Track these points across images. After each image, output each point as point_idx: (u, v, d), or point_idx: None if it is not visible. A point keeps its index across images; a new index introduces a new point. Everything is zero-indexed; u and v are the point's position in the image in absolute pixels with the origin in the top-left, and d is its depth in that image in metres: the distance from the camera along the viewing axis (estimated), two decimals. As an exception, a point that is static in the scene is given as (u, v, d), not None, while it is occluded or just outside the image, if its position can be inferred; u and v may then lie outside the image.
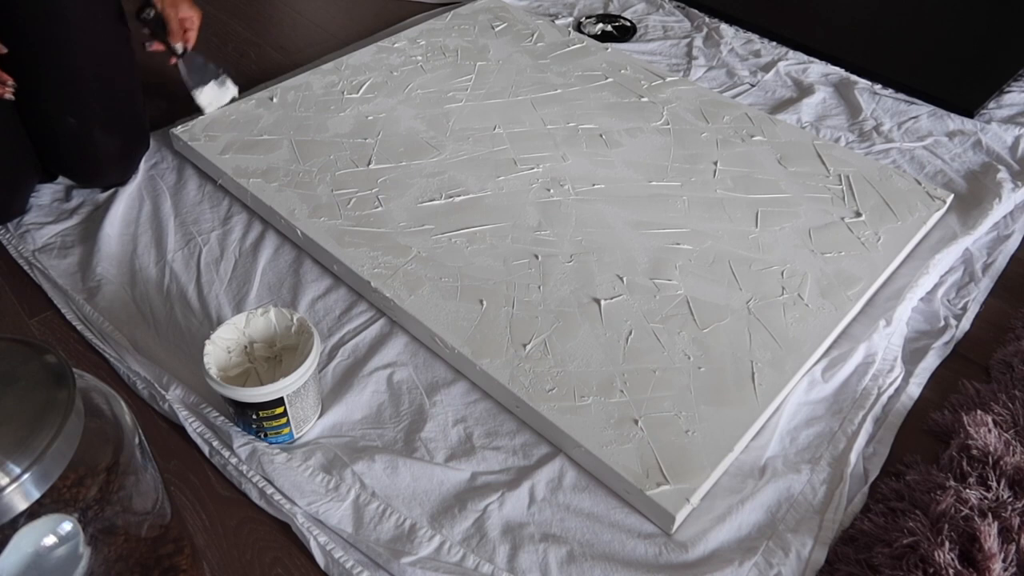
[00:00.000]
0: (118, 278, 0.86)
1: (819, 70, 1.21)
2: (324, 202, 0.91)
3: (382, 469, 0.68)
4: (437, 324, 0.77)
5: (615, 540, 0.64)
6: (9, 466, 0.39)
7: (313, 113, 1.05)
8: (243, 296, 0.84)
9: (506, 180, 0.95)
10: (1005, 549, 0.61)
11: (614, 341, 0.76)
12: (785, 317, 0.79)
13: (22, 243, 0.91)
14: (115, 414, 0.48)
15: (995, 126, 1.09)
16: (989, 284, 0.88)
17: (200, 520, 0.67)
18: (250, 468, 0.68)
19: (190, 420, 0.71)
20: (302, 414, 0.69)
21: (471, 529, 0.65)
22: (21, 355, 0.45)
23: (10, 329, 0.82)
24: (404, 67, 1.15)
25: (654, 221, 0.90)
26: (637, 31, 1.31)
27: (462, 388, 0.76)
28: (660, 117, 1.06)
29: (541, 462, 0.70)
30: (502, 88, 1.11)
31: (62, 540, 0.43)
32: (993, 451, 0.68)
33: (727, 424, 0.70)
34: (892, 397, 0.75)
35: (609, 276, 0.83)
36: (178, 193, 0.97)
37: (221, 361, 0.69)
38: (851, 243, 0.87)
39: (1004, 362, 0.79)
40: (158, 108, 1.14)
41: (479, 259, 0.85)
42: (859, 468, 0.69)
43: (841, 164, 0.98)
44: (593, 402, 0.71)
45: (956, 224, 0.93)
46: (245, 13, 1.40)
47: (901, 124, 1.10)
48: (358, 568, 0.62)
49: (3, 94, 0.83)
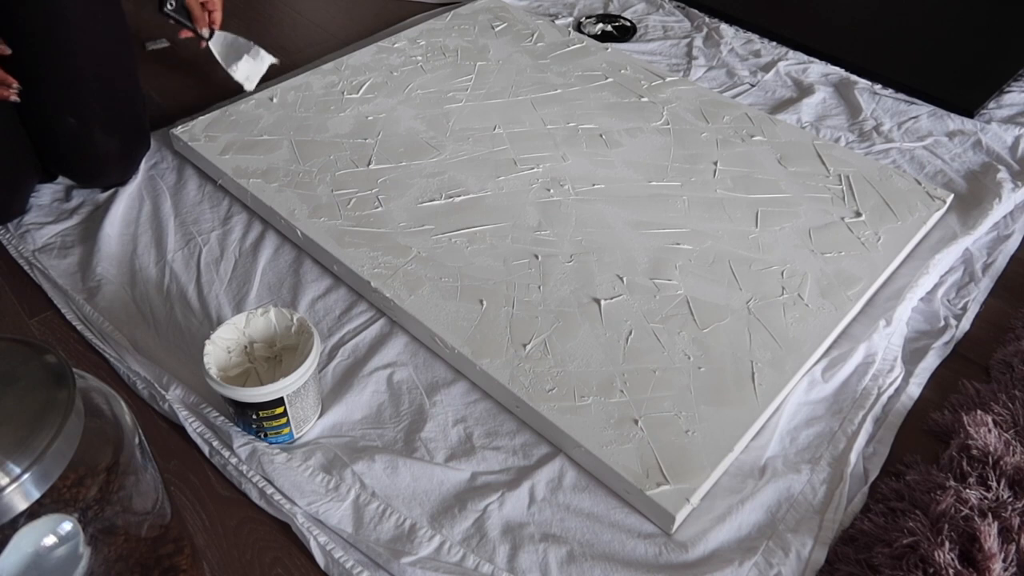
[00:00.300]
0: (118, 278, 0.86)
1: (819, 70, 1.21)
2: (324, 202, 0.91)
3: (382, 469, 0.68)
4: (437, 324, 0.77)
5: (615, 540, 0.64)
6: (9, 466, 0.39)
7: (313, 113, 1.05)
8: (243, 296, 0.84)
9: (506, 180, 0.95)
10: (1005, 549, 0.61)
11: (614, 341, 0.76)
12: (785, 317, 0.79)
13: (22, 243, 0.91)
14: (115, 414, 0.48)
15: (995, 126, 1.09)
16: (989, 284, 0.88)
17: (200, 520, 0.67)
18: (250, 468, 0.68)
19: (190, 420, 0.71)
20: (302, 414, 0.69)
21: (471, 529, 0.65)
22: (21, 355, 0.45)
23: (10, 329, 0.82)
24: (404, 67, 1.15)
25: (654, 221, 0.90)
26: (637, 31, 1.31)
27: (462, 388, 0.76)
28: (660, 117, 1.06)
29: (541, 462, 0.70)
30: (502, 88, 1.11)
31: (62, 540, 0.43)
32: (993, 451, 0.68)
33: (727, 424, 0.70)
34: (892, 397, 0.76)
35: (609, 276, 0.83)
36: (178, 193, 0.97)
37: (221, 361, 0.69)
38: (851, 243, 0.87)
39: (1004, 362, 0.79)
40: (158, 108, 1.14)
41: (479, 259, 0.85)
42: (859, 468, 0.69)
43: (841, 164, 0.98)
44: (593, 402, 0.71)
45: (956, 224, 0.93)
46: (245, 13, 1.40)
47: (901, 124, 1.10)
48: (358, 568, 0.62)
49: (8, 96, 0.83)
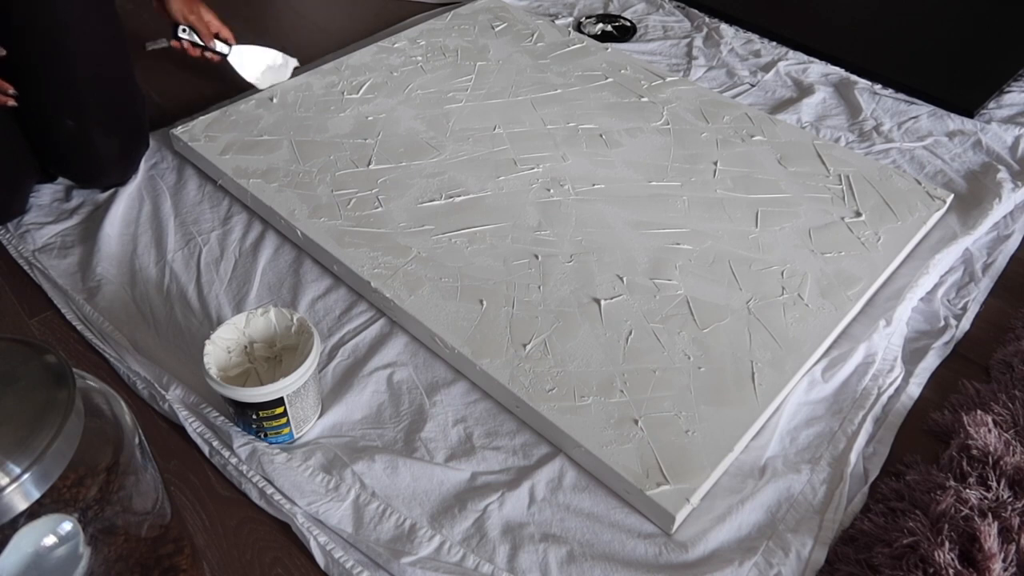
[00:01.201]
0: (118, 278, 0.86)
1: (819, 70, 1.21)
2: (324, 202, 0.91)
3: (382, 469, 0.68)
4: (437, 324, 0.77)
5: (615, 540, 0.64)
6: (9, 466, 0.39)
7: (313, 113, 1.05)
8: (243, 296, 0.84)
9: (506, 180, 0.95)
10: (1005, 549, 0.61)
11: (614, 341, 0.76)
12: (785, 317, 0.79)
13: (22, 243, 0.91)
14: (115, 414, 0.48)
15: (995, 126, 1.09)
16: (989, 284, 0.88)
17: (200, 520, 0.67)
18: (250, 468, 0.68)
19: (190, 420, 0.71)
20: (302, 414, 0.69)
21: (471, 529, 0.65)
22: (21, 355, 0.45)
23: (10, 329, 0.82)
24: (404, 67, 1.15)
25: (654, 221, 0.90)
26: (637, 31, 1.31)
27: (462, 388, 0.76)
28: (660, 117, 1.06)
29: (541, 462, 0.70)
30: (502, 88, 1.11)
31: (62, 540, 0.43)
32: (993, 451, 0.68)
33: (727, 424, 0.70)
34: (892, 397, 0.75)
35: (609, 276, 0.83)
36: (178, 193, 0.97)
37: (221, 361, 0.69)
38: (851, 243, 0.87)
39: (1004, 362, 0.79)
40: (158, 108, 1.14)
41: (479, 259, 0.85)
42: (859, 468, 0.69)
43: (841, 164, 0.98)
44: (593, 402, 0.71)
45: (956, 224, 0.93)
46: (245, 13, 1.39)
47: (901, 124, 1.10)
48: (358, 568, 0.62)
49: (5, 103, 0.83)
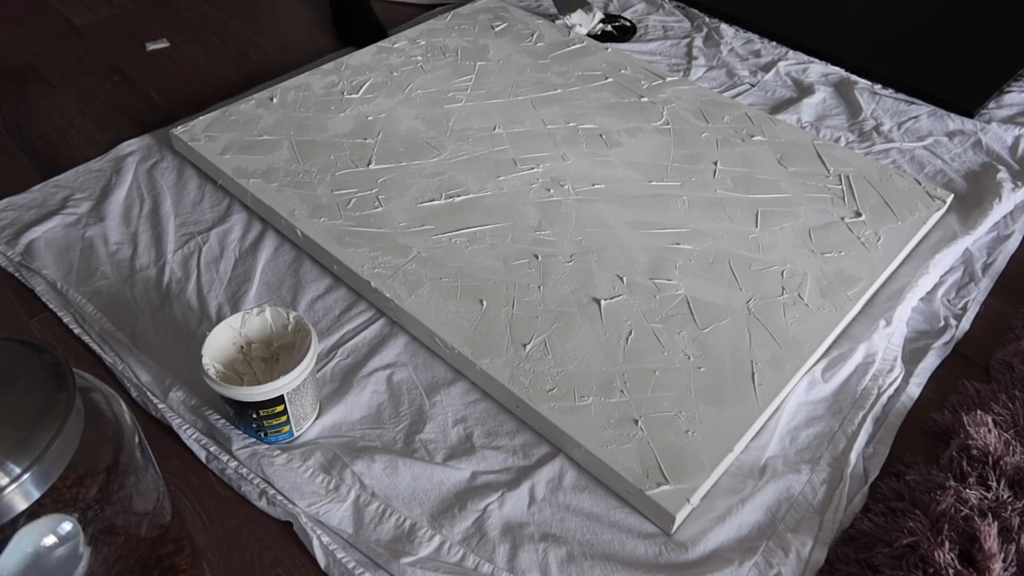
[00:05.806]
0: (118, 278, 0.86)
1: (819, 70, 1.21)
2: (324, 202, 0.91)
3: (382, 469, 0.68)
4: (437, 324, 0.77)
5: (615, 540, 0.64)
6: (9, 466, 0.39)
7: (313, 113, 1.05)
8: (242, 296, 0.84)
9: (506, 180, 0.95)
10: (1005, 549, 0.61)
11: (614, 341, 0.76)
12: (785, 317, 0.79)
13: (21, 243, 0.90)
14: (115, 414, 0.48)
15: (995, 126, 1.09)
16: (989, 284, 0.88)
17: (200, 520, 0.66)
18: (249, 471, 0.68)
19: (184, 428, 0.71)
20: (301, 411, 0.69)
21: (471, 529, 0.65)
22: (21, 355, 0.45)
23: (10, 329, 0.82)
24: (404, 67, 1.15)
25: (654, 221, 0.90)
26: (637, 31, 1.31)
27: (462, 388, 0.76)
28: (660, 117, 1.06)
29: (541, 462, 0.70)
30: (502, 88, 1.11)
31: (62, 540, 0.43)
32: (993, 451, 0.68)
33: (727, 424, 0.70)
34: (892, 397, 0.75)
35: (609, 276, 0.83)
36: (178, 193, 0.97)
37: (219, 361, 0.69)
38: (851, 243, 0.87)
39: (1004, 362, 0.79)
40: (158, 108, 1.14)
41: (479, 259, 0.85)
42: (859, 468, 0.69)
43: (841, 164, 0.98)
44: (593, 402, 0.71)
45: (956, 224, 0.93)
46: (245, 13, 1.39)
47: (901, 124, 1.10)
48: (359, 569, 0.62)
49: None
